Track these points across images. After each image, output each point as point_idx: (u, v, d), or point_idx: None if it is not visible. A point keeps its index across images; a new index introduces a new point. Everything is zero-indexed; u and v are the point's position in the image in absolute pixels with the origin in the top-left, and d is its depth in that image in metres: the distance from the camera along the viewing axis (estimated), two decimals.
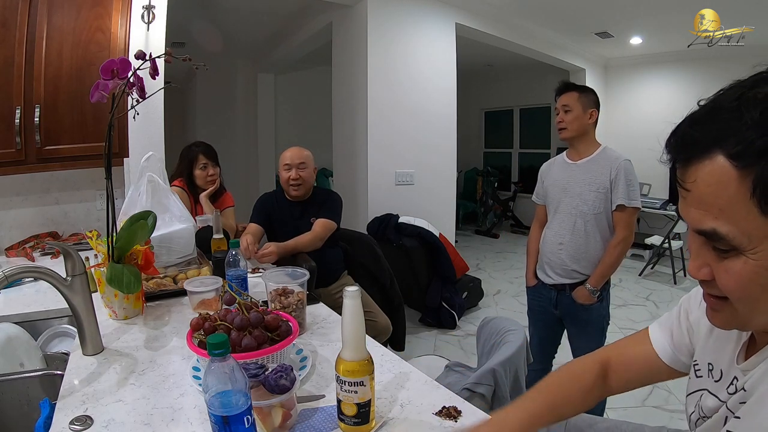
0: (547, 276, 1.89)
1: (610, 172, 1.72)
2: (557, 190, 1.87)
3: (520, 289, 4.26)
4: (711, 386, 0.61)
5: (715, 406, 0.59)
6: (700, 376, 0.64)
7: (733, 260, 0.46)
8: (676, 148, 0.49)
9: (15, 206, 2.19)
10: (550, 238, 1.87)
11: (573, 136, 1.81)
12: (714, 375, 0.61)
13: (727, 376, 0.59)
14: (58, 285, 0.99)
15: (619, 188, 1.71)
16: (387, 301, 2.36)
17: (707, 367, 0.63)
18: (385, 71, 3.34)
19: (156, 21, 2.24)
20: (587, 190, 1.76)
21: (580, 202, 1.78)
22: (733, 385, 0.57)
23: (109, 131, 1.17)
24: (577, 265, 1.79)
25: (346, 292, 0.72)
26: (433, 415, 0.81)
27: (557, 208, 1.86)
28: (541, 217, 2.01)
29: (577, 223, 1.78)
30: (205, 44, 4.53)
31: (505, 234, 6.75)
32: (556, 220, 1.86)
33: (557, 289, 1.86)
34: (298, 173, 2.02)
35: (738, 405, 0.54)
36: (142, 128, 2.17)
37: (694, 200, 0.47)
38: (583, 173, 1.79)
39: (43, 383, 1.02)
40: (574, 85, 1.87)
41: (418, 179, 3.61)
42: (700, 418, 0.62)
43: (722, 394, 0.58)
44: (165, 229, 1.54)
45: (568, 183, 1.82)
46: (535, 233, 2.01)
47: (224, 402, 0.61)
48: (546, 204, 1.95)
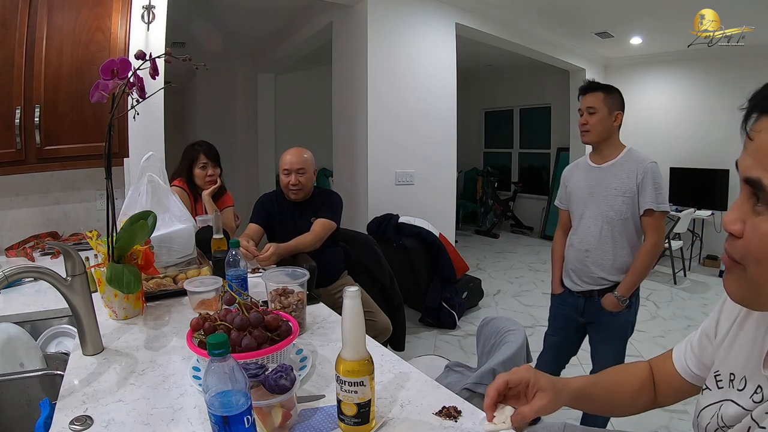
0: (574, 284, 1.82)
1: (636, 175, 1.65)
2: (581, 195, 1.79)
3: (520, 289, 4.26)
4: (734, 396, 0.59)
5: (737, 415, 0.56)
6: (722, 387, 0.62)
7: (766, 220, 0.47)
8: (759, 100, 0.49)
9: (15, 206, 2.18)
10: (575, 245, 1.80)
11: (596, 140, 1.73)
12: (736, 384, 0.59)
13: (750, 383, 0.57)
14: (58, 285, 0.99)
15: (646, 192, 1.64)
16: (387, 301, 2.36)
17: (728, 377, 0.61)
18: (385, 71, 3.34)
19: (156, 21, 2.24)
20: (613, 195, 1.69)
21: (606, 207, 1.71)
22: (759, 394, 0.55)
23: (109, 131, 1.17)
24: (604, 273, 1.73)
25: (346, 292, 0.72)
26: (433, 415, 0.81)
27: (582, 213, 1.79)
28: (564, 222, 1.93)
29: (604, 230, 1.72)
30: (205, 44, 4.53)
31: (505, 234, 6.75)
32: (582, 227, 1.79)
33: (585, 296, 1.79)
34: (297, 179, 2.01)
35: (764, 415, 0.52)
36: (142, 128, 2.17)
37: (753, 149, 0.48)
38: (609, 177, 1.71)
39: (43, 383, 1.02)
40: (600, 84, 1.77)
41: (418, 179, 3.61)
42: (719, 428, 0.59)
43: (745, 401, 0.56)
44: (165, 229, 1.54)
45: (593, 188, 1.75)
46: (559, 239, 1.94)
47: (224, 402, 0.61)
48: (570, 209, 1.87)
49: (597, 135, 1.72)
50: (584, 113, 1.73)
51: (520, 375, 0.70)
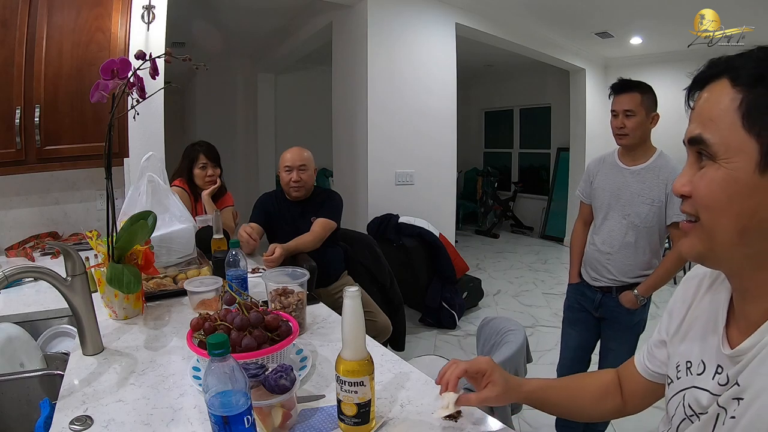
0: (592, 279, 1.81)
1: (666, 185, 1.59)
2: (607, 195, 1.75)
3: (520, 289, 4.26)
4: (696, 382, 0.59)
5: (704, 401, 0.56)
6: (680, 377, 0.62)
7: (709, 168, 0.51)
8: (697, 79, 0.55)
9: (15, 206, 2.18)
10: (598, 246, 1.78)
11: (634, 143, 1.66)
12: (694, 370, 0.60)
13: (709, 366, 0.57)
14: (58, 285, 0.99)
15: (675, 204, 1.56)
16: (387, 301, 2.36)
17: (686, 365, 0.62)
18: (385, 71, 3.34)
19: (156, 21, 2.24)
20: (640, 202, 1.65)
21: (632, 213, 1.67)
22: (722, 374, 0.55)
23: (109, 131, 1.17)
24: (623, 276, 1.72)
25: (346, 292, 0.72)
26: (433, 415, 0.81)
27: (606, 214, 1.76)
28: (585, 215, 1.90)
29: (628, 235, 1.69)
30: (205, 44, 4.53)
31: (505, 234, 6.75)
32: (605, 228, 1.76)
33: (603, 291, 1.78)
34: (299, 175, 2.02)
35: (731, 401, 0.52)
36: (142, 128, 2.17)
37: (695, 115, 0.54)
38: (637, 182, 1.66)
39: (43, 383, 1.02)
40: (635, 83, 1.66)
41: (418, 179, 3.61)
42: (687, 417, 0.59)
43: (710, 384, 0.56)
44: (165, 229, 1.54)
45: (620, 190, 1.71)
46: (579, 231, 1.91)
47: (224, 402, 0.61)
48: (593, 205, 1.84)
49: (636, 139, 1.65)
50: (620, 115, 1.65)
51: (478, 366, 0.77)
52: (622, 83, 1.68)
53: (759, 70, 0.48)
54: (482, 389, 0.76)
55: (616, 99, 1.68)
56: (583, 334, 1.90)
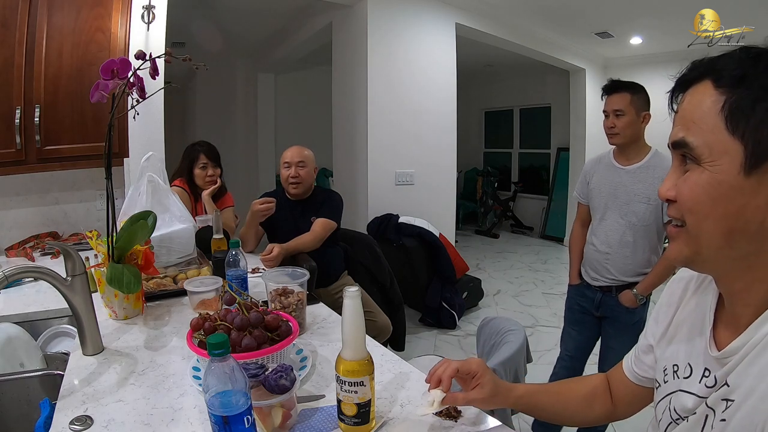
0: (592, 279, 1.83)
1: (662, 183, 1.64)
2: (604, 195, 1.77)
3: (520, 289, 4.26)
4: (683, 385, 0.59)
5: (691, 404, 0.56)
6: (667, 381, 0.62)
7: (693, 171, 0.51)
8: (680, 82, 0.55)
9: (15, 206, 2.18)
10: (596, 246, 1.80)
11: (625, 143, 1.69)
12: (681, 374, 0.60)
13: (696, 369, 0.57)
14: (58, 285, 0.99)
15: None
16: (387, 301, 2.36)
17: (672, 369, 0.62)
18: (385, 71, 3.34)
19: (156, 21, 2.24)
20: (637, 201, 1.67)
21: (629, 212, 1.69)
22: (709, 377, 0.54)
23: (109, 131, 1.17)
24: (622, 275, 1.74)
25: (346, 292, 0.72)
26: (433, 415, 0.80)
27: (604, 214, 1.78)
28: (583, 216, 1.93)
29: (626, 234, 1.71)
30: (205, 44, 4.53)
31: (505, 234, 6.75)
32: (603, 228, 1.78)
33: (603, 291, 1.80)
34: (297, 171, 2.02)
35: (719, 402, 0.51)
36: (142, 128, 2.17)
37: (678, 118, 0.53)
38: (633, 181, 1.69)
39: (43, 383, 1.02)
40: (625, 83, 1.70)
41: (418, 179, 3.61)
42: (673, 421, 0.59)
43: (697, 388, 0.56)
44: (165, 229, 1.54)
45: (617, 189, 1.73)
46: (578, 232, 1.94)
47: (224, 402, 0.61)
48: (590, 206, 1.86)
49: (626, 138, 1.67)
50: (611, 115, 1.68)
51: (470, 367, 0.76)
52: (612, 84, 1.72)
53: (741, 71, 0.48)
54: (471, 390, 0.76)
55: (607, 99, 1.71)
56: (584, 335, 1.92)
